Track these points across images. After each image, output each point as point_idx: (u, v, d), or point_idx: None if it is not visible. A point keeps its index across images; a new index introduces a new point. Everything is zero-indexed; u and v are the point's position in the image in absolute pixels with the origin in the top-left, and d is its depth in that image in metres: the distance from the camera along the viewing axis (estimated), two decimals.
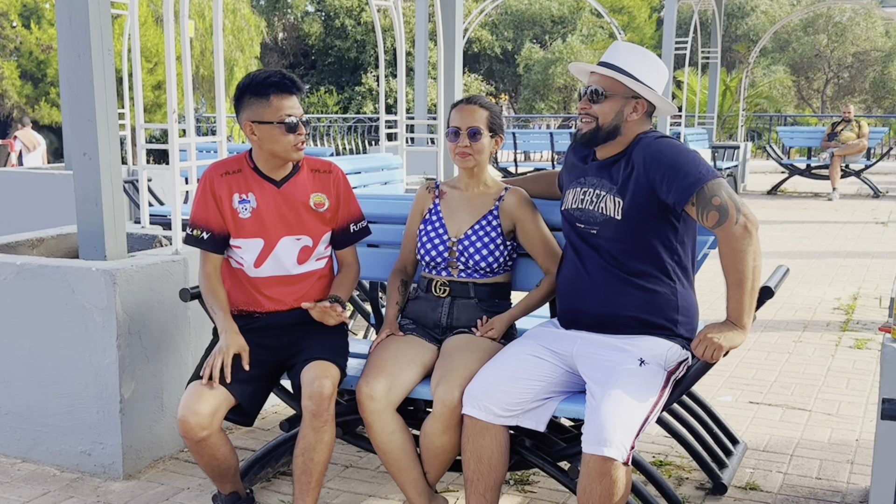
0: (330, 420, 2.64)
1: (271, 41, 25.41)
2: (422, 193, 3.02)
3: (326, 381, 2.62)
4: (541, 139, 13.17)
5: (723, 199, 2.42)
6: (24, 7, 15.51)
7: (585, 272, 2.65)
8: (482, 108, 2.86)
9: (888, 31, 26.22)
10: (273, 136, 2.74)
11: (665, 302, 2.59)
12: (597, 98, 2.62)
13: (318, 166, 2.91)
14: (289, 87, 2.74)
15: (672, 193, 2.48)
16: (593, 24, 26.15)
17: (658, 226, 2.56)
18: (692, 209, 2.47)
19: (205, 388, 2.64)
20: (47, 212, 6.68)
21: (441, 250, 2.88)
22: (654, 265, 2.59)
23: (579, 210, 2.68)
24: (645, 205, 2.54)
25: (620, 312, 2.59)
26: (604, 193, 2.61)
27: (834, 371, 4.56)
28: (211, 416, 2.61)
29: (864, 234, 9.27)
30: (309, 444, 2.64)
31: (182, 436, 2.63)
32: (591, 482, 2.30)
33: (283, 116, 2.72)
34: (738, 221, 2.40)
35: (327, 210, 2.88)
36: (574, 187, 2.73)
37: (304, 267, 2.87)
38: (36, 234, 3.99)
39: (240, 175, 2.83)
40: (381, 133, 7.20)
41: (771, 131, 18.01)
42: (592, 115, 2.63)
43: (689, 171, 2.46)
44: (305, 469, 2.67)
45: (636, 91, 2.61)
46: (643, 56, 2.65)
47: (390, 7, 7.04)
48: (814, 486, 3.20)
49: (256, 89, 2.73)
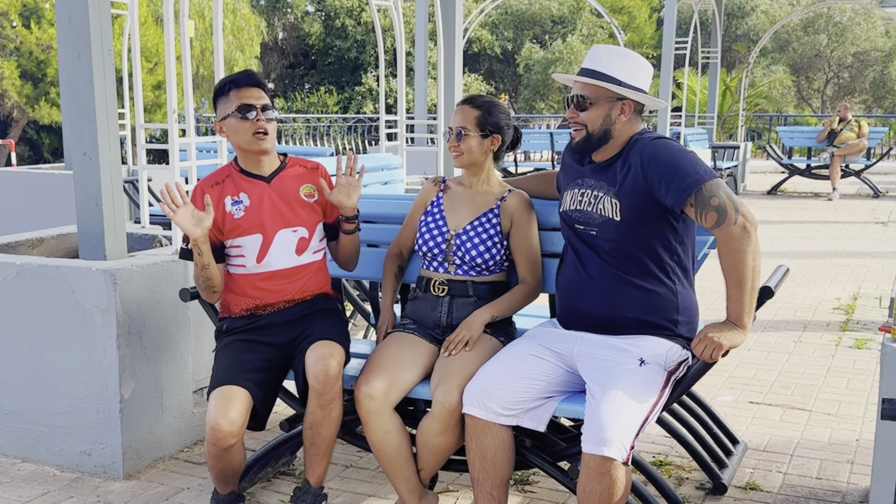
0: (337, 397, 2.68)
1: (271, 41, 25.39)
2: (428, 186, 3.06)
3: (332, 360, 2.66)
4: (541, 139, 13.17)
5: (721, 200, 2.42)
6: (24, 7, 15.50)
7: (586, 273, 2.65)
8: (474, 108, 2.88)
9: (888, 31, 26.21)
10: (234, 127, 2.82)
11: (665, 302, 2.59)
12: (582, 106, 2.62)
13: (305, 164, 3.00)
14: (243, 80, 2.84)
15: (670, 195, 2.48)
16: (593, 24, 26.14)
17: (657, 227, 2.56)
18: (691, 210, 2.47)
19: (233, 394, 2.65)
20: (47, 212, 6.69)
21: (439, 241, 2.89)
22: (654, 265, 2.59)
23: (578, 212, 2.68)
24: (643, 206, 2.54)
25: (621, 313, 2.59)
26: (601, 195, 2.62)
27: (834, 371, 4.56)
28: (242, 423, 2.65)
29: (864, 234, 9.26)
30: (316, 419, 2.69)
31: (211, 443, 2.63)
32: (590, 482, 2.30)
33: (237, 104, 2.80)
34: (737, 222, 2.40)
35: (317, 202, 2.94)
36: (572, 189, 2.74)
37: (303, 258, 2.91)
38: (36, 234, 3.99)
39: (229, 181, 2.90)
40: (381, 133, 7.21)
41: (771, 131, 18.01)
42: (581, 122, 2.64)
43: (686, 172, 2.46)
44: (314, 441, 2.74)
45: (620, 93, 2.61)
46: (623, 56, 2.64)
47: (390, 7, 7.04)
48: (814, 486, 3.20)
49: (220, 91, 2.85)
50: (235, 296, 2.91)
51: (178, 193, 2.69)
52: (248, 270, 2.88)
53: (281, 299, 2.90)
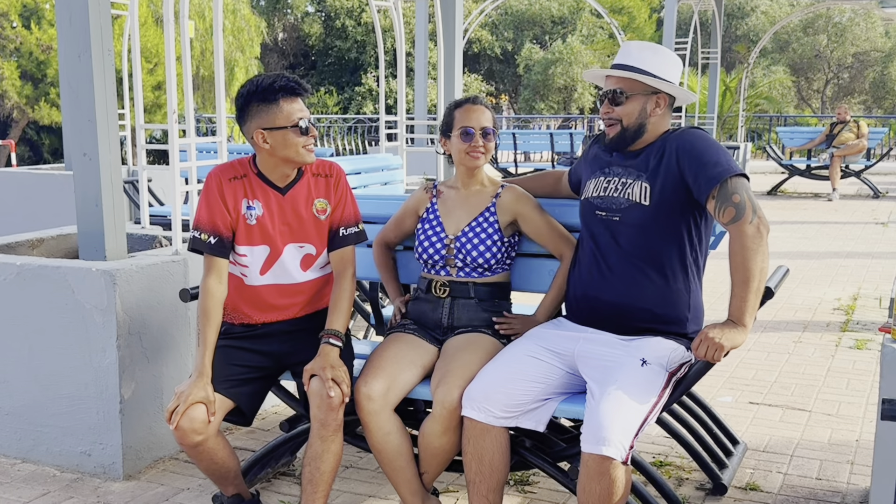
0: (338, 430, 2.62)
1: (271, 42, 25.39)
2: (419, 193, 3.04)
3: (335, 390, 2.59)
4: (541, 139, 13.18)
5: (742, 198, 2.45)
6: (24, 7, 15.49)
7: (603, 261, 2.66)
8: (486, 107, 2.91)
9: (888, 32, 26.22)
10: (287, 141, 2.66)
11: (678, 298, 2.61)
12: (618, 100, 2.63)
13: (320, 170, 2.83)
14: (296, 89, 2.68)
15: (698, 180, 2.51)
16: (593, 25, 26.14)
17: (681, 217, 2.59)
18: (711, 202, 2.50)
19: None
20: (47, 212, 6.69)
21: (438, 248, 2.88)
22: (673, 259, 2.61)
23: (601, 198, 2.69)
24: (672, 192, 2.56)
25: (635, 304, 2.60)
26: (631, 181, 2.64)
27: (834, 371, 4.56)
28: (205, 420, 2.58)
29: (864, 235, 9.26)
30: (316, 452, 2.63)
31: (178, 441, 2.61)
32: (590, 482, 2.30)
33: (296, 120, 2.66)
34: (752, 222, 2.43)
35: (328, 216, 2.82)
36: (597, 177, 2.75)
37: (308, 274, 2.83)
38: (36, 234, 3.99)
39: (246, 180, 2.76)
40: (381, 133, 7.20)
41: (771, 132, 18.01)
42: (616, 117, 2.65)
43: (718, 161, 2.51)
44: (311, 479, 2.64)
45: (655, 86, 2.63)
46: (654, 51, 2.68)
47: (390, 7, 7.04)
48: (814, 487, 3.20)
49: (264, 95, 2.65)
50: (236, 305, 2.83)
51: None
52: (249, 281, 2.80)
53: (280, 318, 2.82)
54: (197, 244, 2.73)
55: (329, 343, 2.68)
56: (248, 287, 2.81)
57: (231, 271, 2.82)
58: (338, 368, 2.62)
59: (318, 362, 2.63)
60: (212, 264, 2.74)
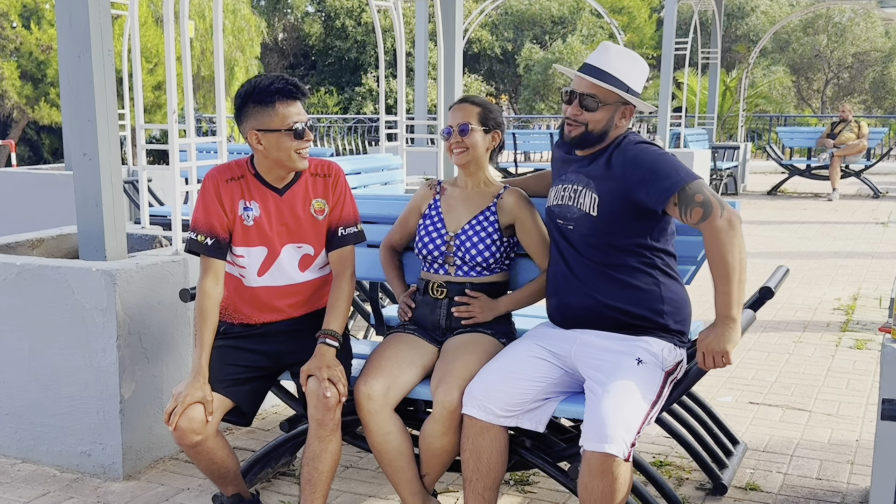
0: (335, 430, 2.62)
1: (271, 42, 25.38)
2: (423, 190, 3.05)
3: (331, 390, 2.59)
4: (541, 139, 13.18)
5: (706, 196, 2.44)
6: (24, 7, 15.49)
7: (567, 268, 2.68)
8: (473, 104, 2.89)
9: (888, 32, 26.21)
10: (280, 144, 2.65)
11: (647, 293, 2.60)
12: (591, 106, 2.62)
13: (319, 170, 2.82)
14: (293, 93, 2.66)
15: (651, 195, 2.50)
16: (593, 25, 26.13)
17: (632, 224, 2.59)
18: (674, 209, 2.49)
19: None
20: (47, 212, 6.69)
21: (438, 244, 2.89)
22: (632, 259, 2.61)
23: (558, 206, 2.72)
24: (620, 205, 2.57)
25: (603, 302, 2.61)
26: (581, 188, 2.65)
27: (834, 371, 4.56)
28: (203, 420, 2.58)
29: (863, 235, 9.26)
30: (314, 452, 2.63)
31: (177, 442, 2.62)
32: (592, 479, 2.30)
33: (291, 124, 2.64)
34: (723, 215, 2.42)
35: (327, 216, 2.81)
36: (557, 184, 2.78)
37: (306, 275, 2.82)
38: (36, 234, 3.99)
39: (243, 181, 2.75)
40: (381, 133, 7.21)
41: (771, 132, 18.01)
42: (583, 121, 2.64)
43: (667, 174, 2.49)
44: (310, 479, 2.65)
45: (631, 101, 2.63)
46: (634, 62, 2.67)
47: (390, 7, 7.04)
48: (814, 487, 3.20)
49: (260, 97, 2.64)
50: (235, 306, 2.84)
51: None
52: (248, 282, 2.79)
53: (278, 318, 2.82)
54: (193, 246, 2.73)
55: (325, 343, 2.68)
56: (247, 288, 2.80)
57: (230, 272, 2.81)
58: (334, 368, 2.62)
59: (315, 362, 2.64)
60: (208, 265, 2.74)
